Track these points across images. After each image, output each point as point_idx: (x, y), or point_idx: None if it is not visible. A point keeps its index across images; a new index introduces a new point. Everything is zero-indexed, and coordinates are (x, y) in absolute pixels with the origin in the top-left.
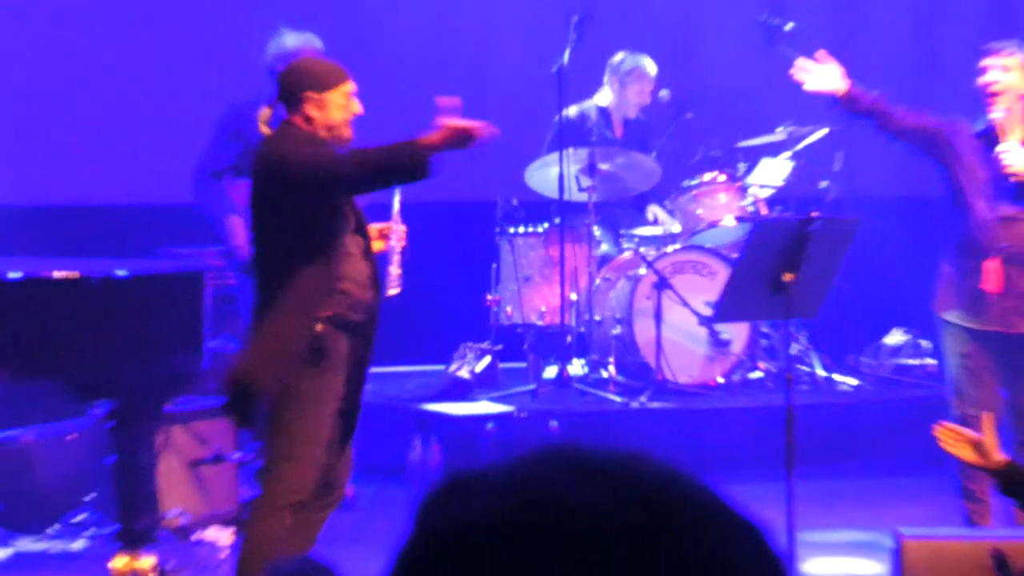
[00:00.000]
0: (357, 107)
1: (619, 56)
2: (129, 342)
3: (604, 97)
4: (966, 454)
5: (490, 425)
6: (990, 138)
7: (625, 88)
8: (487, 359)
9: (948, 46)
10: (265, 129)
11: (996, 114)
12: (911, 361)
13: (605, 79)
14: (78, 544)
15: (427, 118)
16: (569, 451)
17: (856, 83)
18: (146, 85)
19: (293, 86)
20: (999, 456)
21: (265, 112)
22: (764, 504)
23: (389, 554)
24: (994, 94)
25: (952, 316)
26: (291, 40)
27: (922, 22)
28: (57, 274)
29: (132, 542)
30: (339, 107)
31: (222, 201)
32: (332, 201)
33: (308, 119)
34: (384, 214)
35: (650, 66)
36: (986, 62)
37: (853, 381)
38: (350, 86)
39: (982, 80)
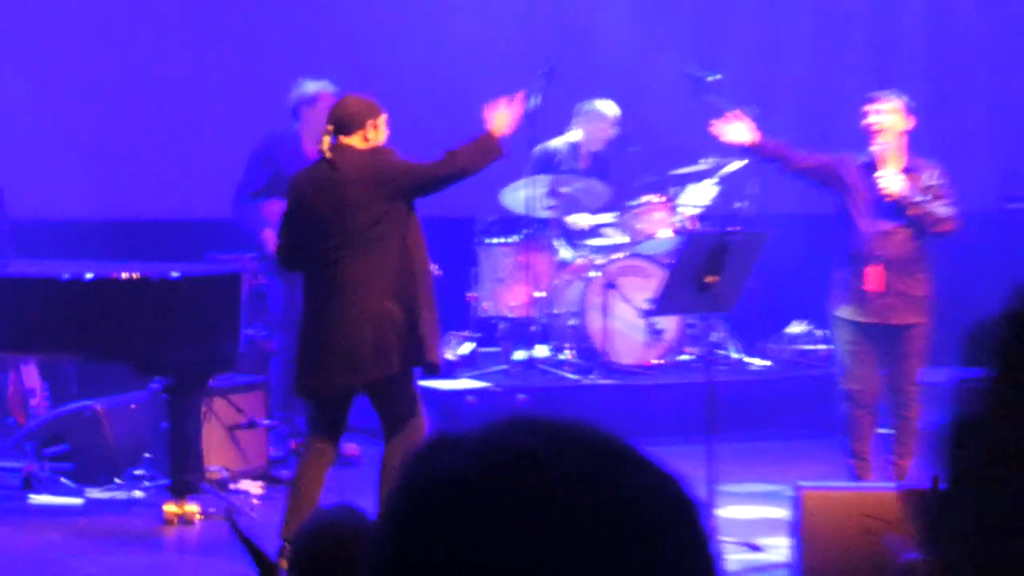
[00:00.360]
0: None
1: (584, 106)
2: (180, 330)
3: (574, 135)
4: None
5: (471, 398)
6: (872, 167)
7: (587, 126)
8: (469, 344)
9: (843, 92)
10: (327, 152)
11: (876, 147)
12: (809, 347)
13: (573, 120)
14: (137, 493)
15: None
16: (531, 418)
17: (765, 135)
18: (194, 118)
19: (356, 115)
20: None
21: (326, 140)
22: (689, 462)
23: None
24: (875, 132)
25: (842, 311)
26: (311, 87)
27: (824, 72)
28: (123, 275)
29: (181, 492)
30: (384, 130)
31: (257, 217)
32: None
33: (365, 139)
34: None
35: (607, 108)
36: (869, 107)
37: (762, 362)
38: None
39: (865, 121)
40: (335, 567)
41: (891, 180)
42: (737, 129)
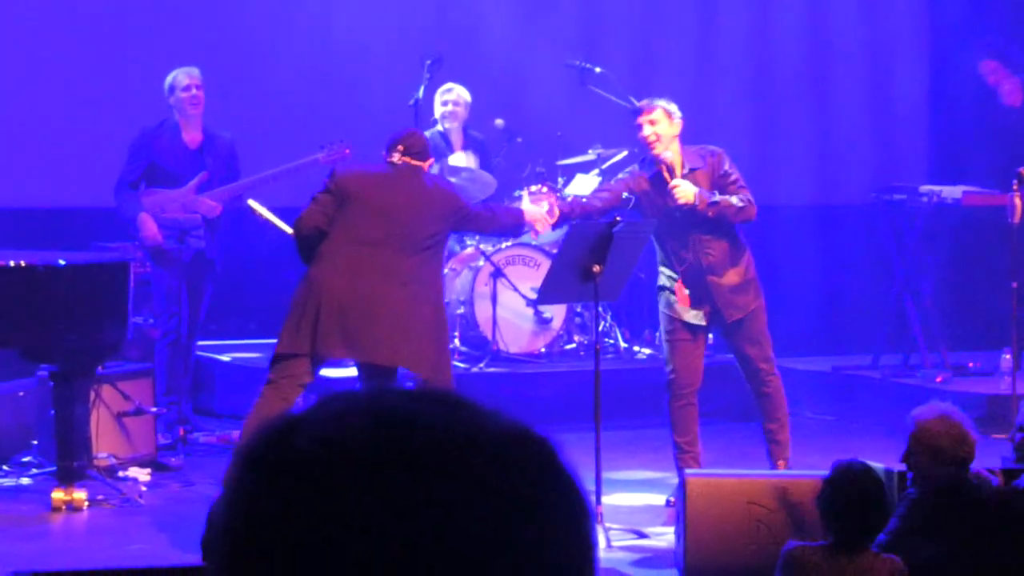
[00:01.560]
0: None
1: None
2: (67, 317)
3: (441, 123)
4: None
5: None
6: (660, 177)
7: (441, 108)
8: None
9: (723, 85)
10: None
11: (665, 155)
12: None
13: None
14: (24, 480)
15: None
16: (360, 392)
17: (563, 205)
18: (83, 106)
19: (429, 149)
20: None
21: (397, 155)
22: (576, 450)
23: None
24: (651, 143)
25: (667, 308)
26: (183, 76)
27: (703, 65)
28: (9, 263)
29: (69, 479)
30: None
31: (134, 205)
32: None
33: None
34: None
35: (448, 93)
36: (639, 120)
37: (648, 351)
38: None
39: (640, 135)
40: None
41: (682, 190)
42: (536, 212)
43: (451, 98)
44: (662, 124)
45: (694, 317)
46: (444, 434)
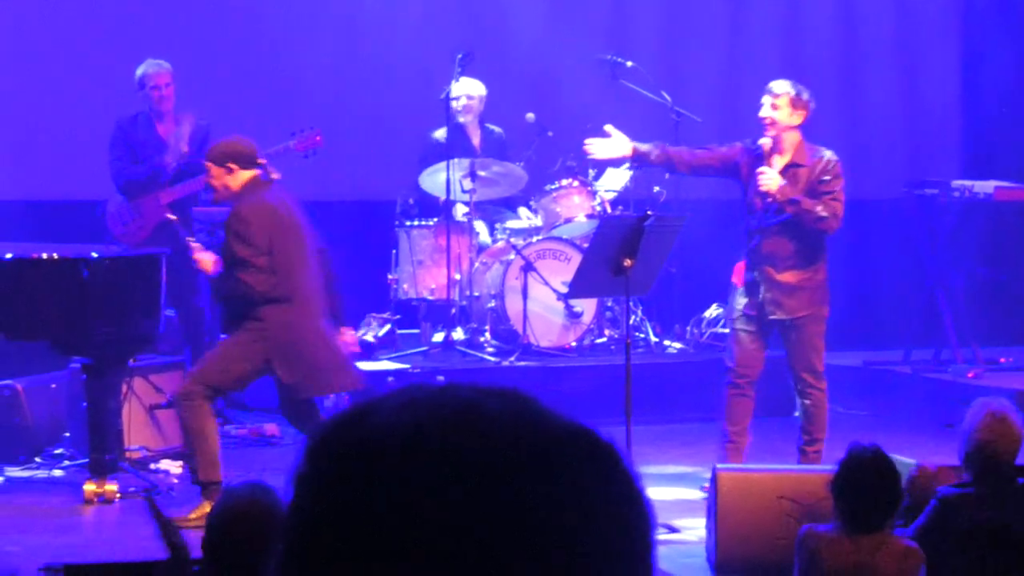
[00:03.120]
0: None
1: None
2: (100, 310)
3: (458, 117)
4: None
5: (390, 379)
6: (761, 159)
7: (457, 104)
8: (388, 326)
9: (755, 78)
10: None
11: (764, 140)
12: (725, 330)
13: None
14: (57, 473)
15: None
16: (421, 386)
17: (638, 144)
18: (114, 99)
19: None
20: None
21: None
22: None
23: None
24: (766, 124)
25: (734, 298)
26: (151, 71)
27: (736, 59)
28: (43, 255)
29: (101, 471)
30: None
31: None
32: None
33: None
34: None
35: (459, 87)
36: (764, 99)
37: (679, 345)
38: None
39: (760, 113)
40: (247, 544)
41: (769, 179)
42: (611, 144)
43: (464, 91)
44: (783, 111)
45: (744, 305)
46: (511, 429)
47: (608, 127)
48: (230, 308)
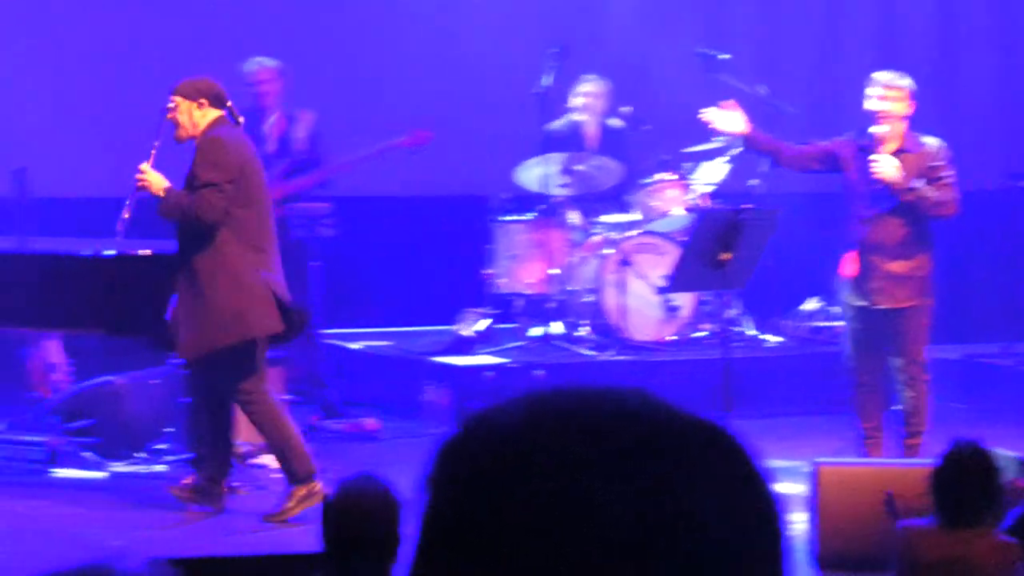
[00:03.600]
0: None
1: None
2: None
3: (576, 115)
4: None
5: (489, 373)
6: (868, 150)
7: (583, 99)
8: (485, 321)
9: (851, 69)
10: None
11: (877, 131)
12: (823, 323)
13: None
14: (159, 468)
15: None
16: (551, 388)
17: (756, 128)
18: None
19: None
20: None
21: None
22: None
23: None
24: (880, 117)
25: (843, 293)
26: (252, 67)
27: (833, 50)
28: (142, 252)
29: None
30: None
31: None
32: None
33: None
34: None
35: (586, 85)
36: (874, 91)
37: (777, 339)
38: None
39: (870, 105)
40: (365, 535)
41: (884, 165)
42: (730, 119)
43: (590, 90)
44: (896, 103)
45: (855, 299)
46: (644, 427)
47: (730, 102)
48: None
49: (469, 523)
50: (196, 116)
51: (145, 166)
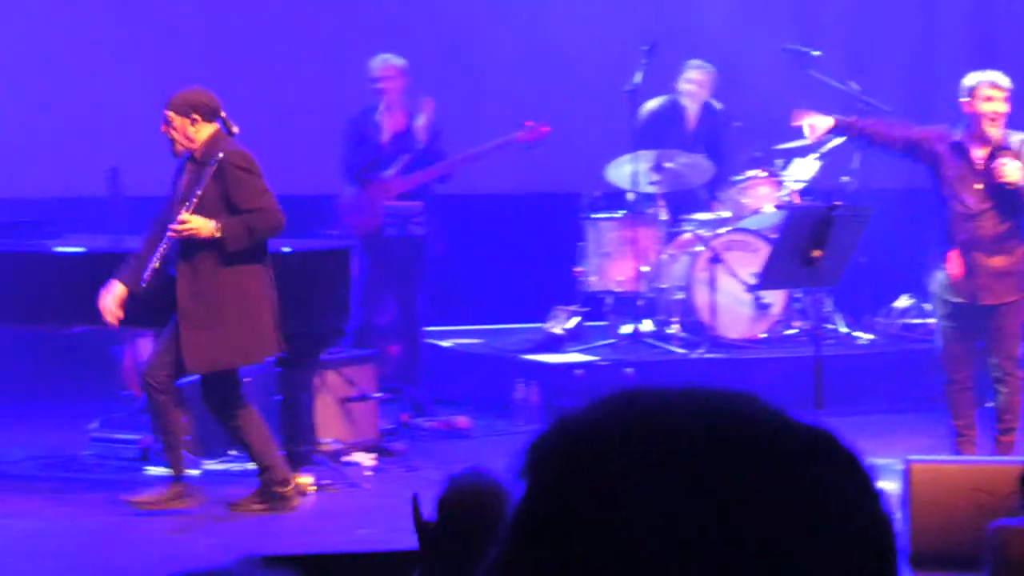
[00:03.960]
0: None
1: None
2: (293, 304)
3: (682, 99)
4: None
5: (579, 371)
6: (962, 147)
7: (690, 83)
8: (576, 318)
9: (943, 66)
10: None
11: (996, 132)
12: (915, 320)
13: (679, 86)
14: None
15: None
16: (644, 388)
17: (839, 117)
18: (303, 95)
19: None
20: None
21: None
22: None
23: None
24: (996, 118)
25: (937, 289)
26: (376, 63)
27: (924, 45)
28: None
29: (295, 463)
30: None
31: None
32: None
33: None
34: None
35: (692, 72)
36: (992, 92)
37: (869, 336)
38: None
39: (985, 106)
40: (477, 528)
41: (1011, 168)
42: (815, 122)
43: (695, 77)
44: (1006, 105)
45: (953, 296)
46: (749, 431)
47: (801, 112)
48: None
49: (553, 522)
50: (190, 132)
51: (186, 216)
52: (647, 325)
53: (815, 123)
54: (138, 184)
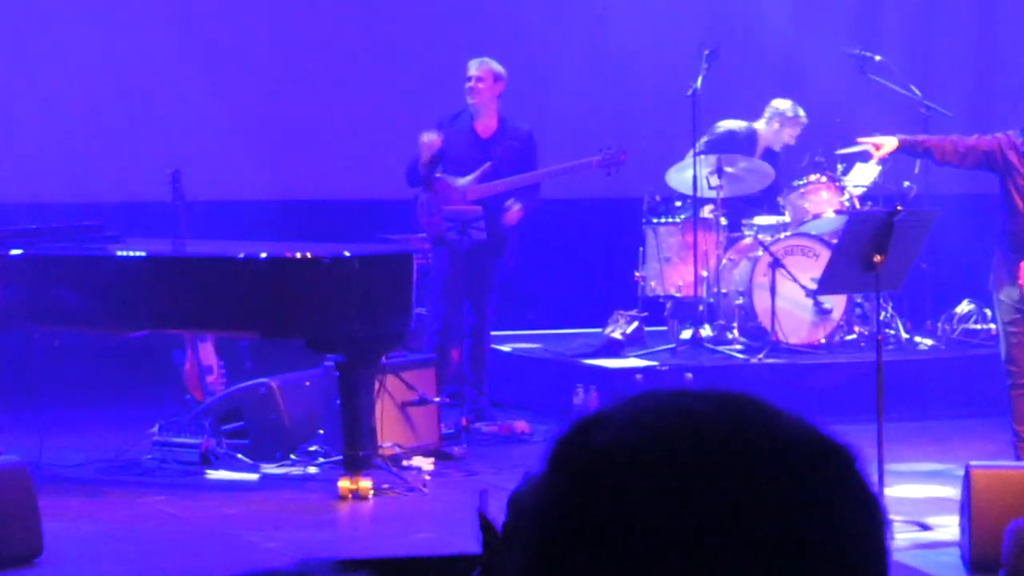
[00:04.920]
0: None
1: (786, 104)
2: (353, 308)
3: (759, 126)
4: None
5: (638, 376)
6: None
7: (782, 129)
8: (635, 323)
9: (1005, 70)
10: None
11: None
12: (977, 326)
13: (766, 115)
14: (311, 469)
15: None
16: (678, 390)
17: (903, 137)
18: (367, 100)
19: None
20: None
21: None
22: (858, 441)
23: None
24: None
25: (1002, 294)
26: (470, 65)
27: (985, 50)
28: (296, 254)
29: (355, 468)
30: None
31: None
32: None
33: None
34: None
35: (804, 117)
36: None
37: (930, 342)
38: None
39: None
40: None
41: None
42: (880, 142)
43: (791, 132)
44: None
45: (1018, 301)
46: (740, 437)
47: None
48: None
49: (572, 519)
50: None
51: None
52: (707, 330)
53: (879, 143)
54: (201, 188)
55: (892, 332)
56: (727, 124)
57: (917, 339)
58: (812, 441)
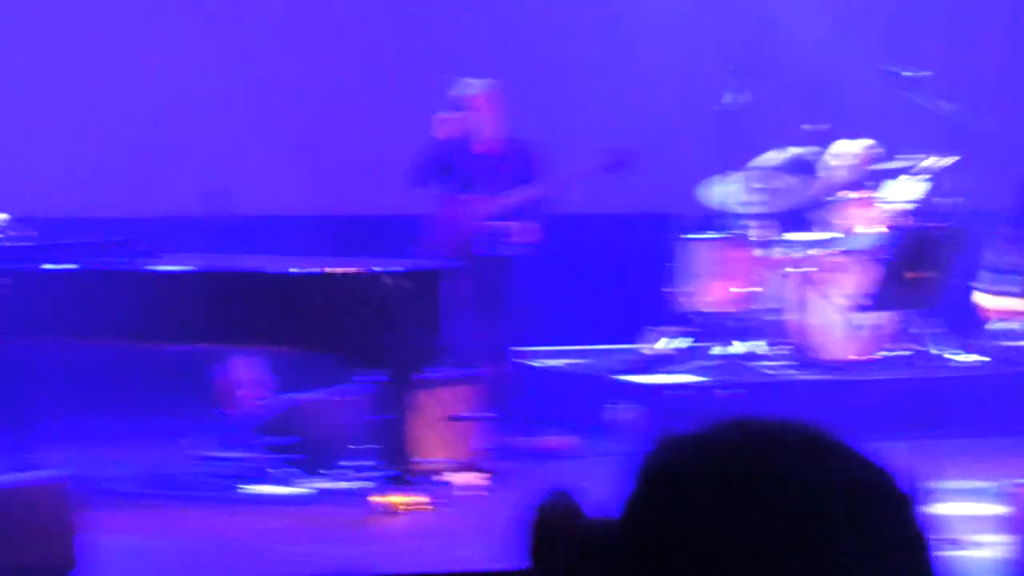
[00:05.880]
0: None
1: (844, 142)
2: (390, 324)
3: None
4: None
5: (673, 392)
6: None
7: (836, 164)
8: (670, 340)
9: None
10: None
11: None
12: (1019, 343)
13: (827, 160)
14: (354, 484)
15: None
16: (751, 418)
17: None
18: (403, 116)
19: None
20: None
21: None
22: (898, 458)
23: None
24: None
25: None
26: (473, 85)
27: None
28: (332, 271)
29: (391, 483)
30: None
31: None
32: None
33: None
34: None
35: (858, 150)
36: None
37: (972, 358)
38: None
39: None
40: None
41: None
42: None
43: (848, 152)
44: None
45: None
46: (802, 470)
47: None
48: None
49: (655, 533)
50: None
51: None
52: (741, 346)
53: None
54: (242, 204)
55: (935, 348)
56: (774, 157)
57: (959, 355)
58: (875, 483)
